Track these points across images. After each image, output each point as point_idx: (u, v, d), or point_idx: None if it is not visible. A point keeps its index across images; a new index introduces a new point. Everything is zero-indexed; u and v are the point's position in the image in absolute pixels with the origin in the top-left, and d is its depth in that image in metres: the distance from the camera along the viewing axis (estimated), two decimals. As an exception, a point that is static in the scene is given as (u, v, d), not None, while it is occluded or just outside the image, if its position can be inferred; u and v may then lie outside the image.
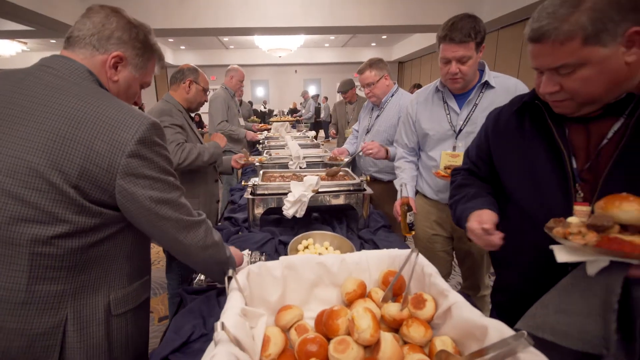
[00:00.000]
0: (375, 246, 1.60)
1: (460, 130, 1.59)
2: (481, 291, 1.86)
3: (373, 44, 13.34)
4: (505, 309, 1.09)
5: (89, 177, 0.76)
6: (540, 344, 0.65)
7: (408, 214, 1.57)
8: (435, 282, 0.89)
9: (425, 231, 1.82)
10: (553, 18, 0.74)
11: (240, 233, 1.75)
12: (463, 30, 1.42)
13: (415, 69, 13.41)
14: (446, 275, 1.95)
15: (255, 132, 4.12)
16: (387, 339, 0.77)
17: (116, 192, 0.80)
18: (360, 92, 3.39)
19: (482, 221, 0.95)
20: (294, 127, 6.94)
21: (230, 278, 0.86)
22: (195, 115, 9.96)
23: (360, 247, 1.59)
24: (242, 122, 3.71)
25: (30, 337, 0.78)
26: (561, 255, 0.70)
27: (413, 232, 1.61)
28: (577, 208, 0.75)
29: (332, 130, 4.22)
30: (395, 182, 1.91)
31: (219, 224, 1.95)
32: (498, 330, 0.68)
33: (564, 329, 0.73)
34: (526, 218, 0.94)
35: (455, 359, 0.70)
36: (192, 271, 1.37)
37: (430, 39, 10.09)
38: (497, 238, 0.93)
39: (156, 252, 3.57)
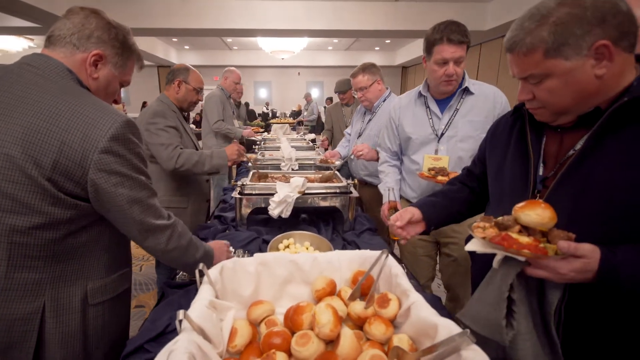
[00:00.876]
0: (357, 248, 1.63)
1: (442, 134, 1.63)
2: (462, 300, 1.88)
3: (377, 48, 13.40)
4: None
5: (63, 170, 0.80)
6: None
7: None
8: (400, 282, 0.93)
9: None
10: (520, 30, 0.77)
11: (227, 231, 1.79)
12: (459, 32, 1.48)
13: (419, 74, 13.45)
14: (430, 279, 1.97)
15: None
16: (347, 335, 0.80)
17: (88, 186, 0.83)
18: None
19: (399, 216, 1.14)
20: (294, 129, 6.98)
21: (201, 272, 0.89)
22: (196, 115, 10.01)
23: (343, 249, 1.62)
24: (236, 123, 3.73)
25: (8, 322, 0.82)
26: (470, 245, 0.79)
27: None
28: None
29: (324, 137, 3.82)
30: (379, 186, 1.94)
31: (209, 222, 1.99)
32: (447, 328, 0.71)
33: (477, 316, 0.81)
34: None
35: (407, 355, 0.73)
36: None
37: (434, 44, 10.11)
38: (399, 231, 1.14)
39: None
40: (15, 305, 0.82)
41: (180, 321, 0.70)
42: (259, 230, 1.78)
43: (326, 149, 3.46)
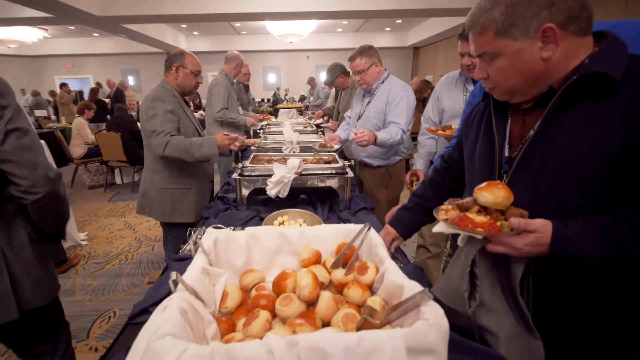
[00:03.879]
0: (351, 225, 1.71)
1: None
2: None
3: (387, 29, 13.14)
4: None
5: None
6: None
7: (415, 183, 2.05)
8: (378, 252, 1.00)
9: None
10: (478, 9, 0.81)
11: (228, 211, 1.89)
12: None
13: (430, 55, 13.16)
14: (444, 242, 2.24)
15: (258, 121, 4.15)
16: (325, 296, 0.89)
17: None
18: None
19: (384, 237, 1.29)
20: (301, 114, 7.00)
21: (195, 243, 0.99)
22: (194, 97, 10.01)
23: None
24: (240, 111, 3.74)
25: None
26: (436, 227, 0.84)
27: None
28: None
29: (318, 112, 4.44)
30: (414, 155, 2.33)
31: (212, 202, 2.09)
32: (411, 288, 0.78)
33: (445, 289, 0.88)
34: None
35: (376, 313, 0.81)
36: (185, 242, 1.53)
37: (447, 23, 9.84)
38: None
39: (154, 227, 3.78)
40: None
41: (174, 281, 0.80)
42: (259, 209, 1.87)
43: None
